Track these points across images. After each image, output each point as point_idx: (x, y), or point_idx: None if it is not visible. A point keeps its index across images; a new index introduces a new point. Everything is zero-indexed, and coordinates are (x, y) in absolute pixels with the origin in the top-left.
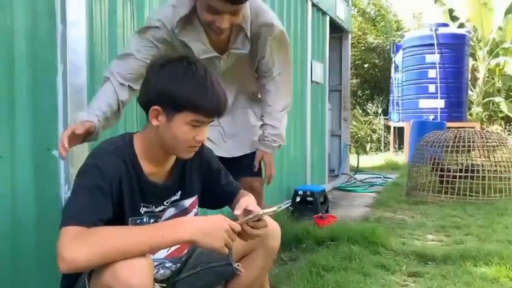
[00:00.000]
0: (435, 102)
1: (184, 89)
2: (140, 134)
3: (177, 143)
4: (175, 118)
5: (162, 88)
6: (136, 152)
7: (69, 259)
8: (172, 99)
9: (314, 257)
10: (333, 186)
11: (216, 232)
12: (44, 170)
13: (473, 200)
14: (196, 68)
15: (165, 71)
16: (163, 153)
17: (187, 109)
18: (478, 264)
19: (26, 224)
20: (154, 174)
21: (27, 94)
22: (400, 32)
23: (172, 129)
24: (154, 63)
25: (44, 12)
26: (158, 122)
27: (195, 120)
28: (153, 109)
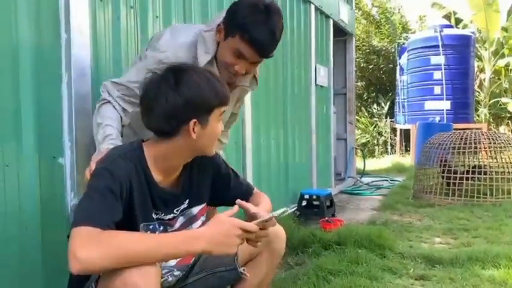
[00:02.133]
0: (441, 103)
1: (209, 91)
2: (152, 146)
3: (211, 142)
4: (209, 120)
5: (195, 101)
6: (147, 159)
7: (83, 259)
8: (206, 106)
9: (320, 261)
10: (340, 189)
11: (229, 240)
12: (50, 177)
13: (481, 201)
14: (200, 70)
15: (185, 87)
16: (182, 162)
17: (216, 106)
18: (486, 266)
19: (32, 231)
20: (162, 181)
21: (32, 102)
22: (406, 34)
23: (209, 130)
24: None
25: (48, 21)
26: (195, 133)
27: (222, 112)
28: (192, 124)
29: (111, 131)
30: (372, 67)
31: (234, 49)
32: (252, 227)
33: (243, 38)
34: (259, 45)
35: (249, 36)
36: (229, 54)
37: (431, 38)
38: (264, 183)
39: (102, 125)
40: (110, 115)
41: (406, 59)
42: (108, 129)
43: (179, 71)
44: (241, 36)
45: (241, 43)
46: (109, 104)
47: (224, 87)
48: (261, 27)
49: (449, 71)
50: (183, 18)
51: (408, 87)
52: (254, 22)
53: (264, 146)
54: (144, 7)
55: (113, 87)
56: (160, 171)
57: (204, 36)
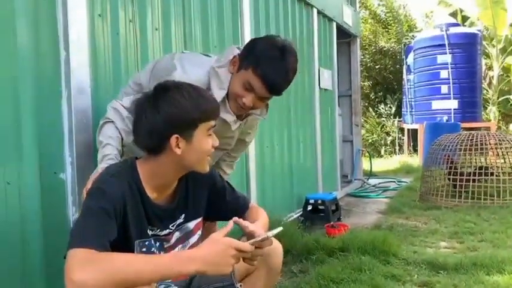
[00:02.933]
0: (448, 103)
1: (191, 107)
2: (145, 163)
3: (200, 158)
4: (194, 136)
5: (173, 118)
6: (140, 176)
7: (78, 282)
8: (187, 122)
9: (323, 269)
10: (346, 192)
11: (224, 260)
12: (52, 193)
13: (488, 203)
14: (182, 86)
15: (164, 104)
16: (174, 178)
17: (201, 121)
18: (491, 272)
19: (34, 247)
20: (157, 198)
21: (32, 119)
22: (412, 34)
23: (195, 146)
24: (143, 107)
25: (47, 39)
26: (180, 149)
27: (210, 127)
28: (172, 139)
29: (110, 150)
30: (379, 67)
31: (245, 81)
32: (246, 247)
33: (256, 72)
34: (270, 81)
35: (262, 71)
36: (239, 85)
37: (438, 37)
38: (269, 189)
39: (102, 144)
40: (111, 134)
41: (412, 58)
42: (107, 148)
43: (161, 88)
44: (254, 70)
45: (253, 76)
46: (111, 123)
47: (211, 102)
48: (275, 64)
49: (456, 70)
50: (183, 30)
51: (415, 86)
52: (268, 58)
53: (267, 151)
54: (143, 19)
55: (123, 109)
56: (154, 187)
57: (217, 71)
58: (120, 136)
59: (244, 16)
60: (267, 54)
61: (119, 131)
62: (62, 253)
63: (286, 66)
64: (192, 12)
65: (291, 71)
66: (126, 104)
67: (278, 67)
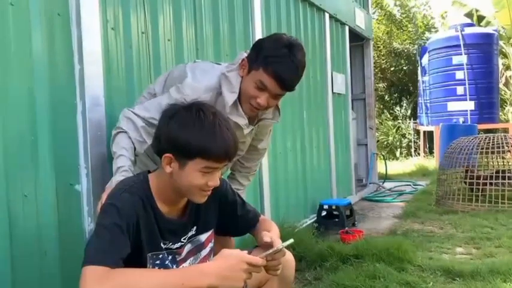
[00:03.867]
0: (464, 104)
1: (194, 137)
2: (155, 175)
3: (190, 189)
4: (188, 165)
5: (174, 137)
6: (152, 190)
7: None
8: (183, 148)
9: (338, 276)
10: (361, 196)
11: (235, 274)
12: (68, 204)
13: (506, 207)
14: (205, 114)
15: (175, 121)
16: (176, 196)
17: (198, 156)
18: (508, 279)
19: (51, 257)
20: (169, 211)
21: (48, 132)
22: (427, 35)
23: (185, 175)
24: (165, 113)
25: (62, 53)
26: (171, 169)
27: (207, 167)
28: (165, 157)
29: (123, 162)
30: (394, 68)
31: (257, 81)
32: (258, 262)
33: (267, 70)
34: (282, 77)
35: (273, 69)
36: (252, 87)
37: (453, 38)
38: (282, 195)
39: (116, 155)
40: (124, 145)
41: (427, 59)
42: (120, 160)
43: (186, 107)
44: (264, 69)
45: (265, 75)
46: (125, 134)
47: (224, 146)
48: (284, 61)
49: (472, 71)
50: (195, 40)
51: (430, 88)
52: (277, 56)
53: (281, 157)
54: (155, 31)
55: (137, 118)
56: (165, 201)
57: (227, 76)
58: (133, 146)
59: (255, 24)
60: (276, 53)
61: (131, 141)
62: (78, 264)
63: (296, 62)
64: (204, 21)
65: (300, 66)
66: (140, 112)
67: (288, 63)
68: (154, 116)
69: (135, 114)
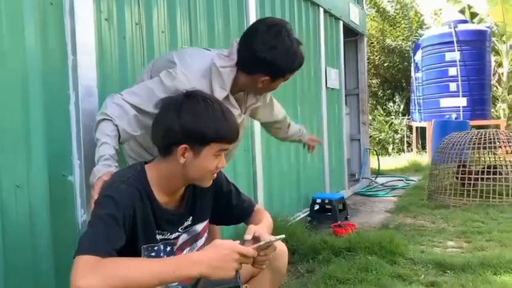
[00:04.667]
0: (457, 100)
1: (209, 125)
2: (154, 166)
3: (203, 174)
4: (203, 152)
5: (190, 128)
6: (150, 181)
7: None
8: (200, 136)
9: (330, 269)
10: (354, 191)
11: (226, 264)
12: (60, 195)
13: (497, 202)
14: (211, 101)
15: (186, 112)
16: (181, 184)
17: (214, 141)
18: (498, 272)
19: (44, 248)
20: (167, 202)
21: (41, 123)
22: (421, 31)
23: (200, 162)
24: (168, 106)
25: (55, 43)
26: (185, 159)
27: (221, 149)
28: (181, 148)
29: (106, 150)
30: (387, 65)
31: (276, 87)
32: (249, 252)
33: (285, 77)
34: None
35: (290, 73)
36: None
37: (446, 34)
38: (276, 189)
39: (99, 142)
40: (108, 132)
41: (420, 56)
42: (103, 148)
43: (189, 96)
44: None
45: (283, 80)
46: (110, 121)
47: (232, 126)
48: (295, 62)
49: (465, 67)
50: (189, 32)
51: (423, 84)
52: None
53: (274, 151)
54: (149, 22)
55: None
56: (163, 192)
57: (220, 71)
58: (118, 134)
59: (250, 17)
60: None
61: (117, 128)
62: (70, 255)
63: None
64: (198, 14)
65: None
66: (131, 99)
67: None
68: (145, 102)
69: (125, 101)
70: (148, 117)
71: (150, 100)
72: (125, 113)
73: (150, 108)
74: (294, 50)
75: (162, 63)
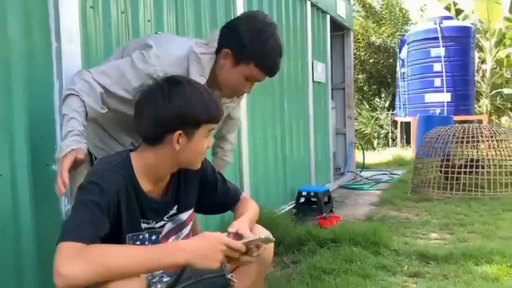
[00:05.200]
0: (441, 96)
1: (200, 108)
2: (139, 155)
3: (196, 157)
4: (195, 135)
5: (183, 114)
6: (135, 169)
7: (66, 275)
8: (193, 120)
9: (315, 259)
10: (339, 184)
11: (213, 254)
12: (44, 184)
13: (479, 195)
14: (195, 84)
15: (176, 97)
16: (168, 172)
17: (205, 122)
18: (480, 263)
19: (27, 237)
20: (152, 191)
21: (24, 111)
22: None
23: (193, 145)
24: (153, 97)
25: (39, 30)
26: (179, 145)
27: (210, 129)
28: (176, 134)
29: (75, 125)
30: (373, 60)
31: (247, 75)
32: (236, 245)
33: (260, 66)
34: (272, 70)
35: (266, 64)
36: (241, 78)
37: (431, 30)
38: (262, 181)
39: (67, 117)
40: (76, 108)
41: (406, 51)
42: (71, 123)
43: (174, 82)
44: (256, 65)
45: (257, 70)
46: (77, 97)
47: (217, 106)
48: (274, 53)
49: (450, 63)
50: (175, 22)
51: (408, 79)
52: (267, 51)
53: (260, 143)
54: (135, 11)
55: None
56: (149, 180)
57: (200, 58)
58: (86, 110)
59: (237, 8)
60: (265, 48)
61: (84, 104)
62: (53, 244)
63: (280, 50)
64: (185, 3)
65: (282, 50)
66: (100, 78)
67: (276, 56)
68: (114, 84)
69: (93, 79)
70: (114, 99)
71: (119, 82)
72: (92, 90)
73: (118, 90)
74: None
75: (135, 45)
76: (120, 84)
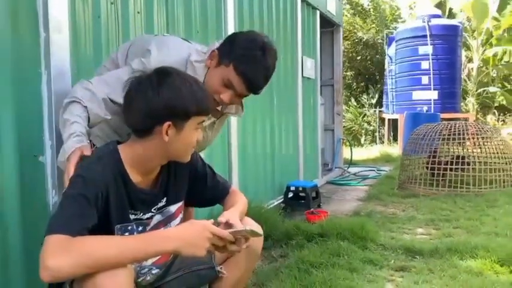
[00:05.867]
0: (428, 93)
1: (189, 99)
2: (128, 147)
3: (185, 149)
4: (185, 127)
5: (172, 105)
6: (123, 161)
7: (52, 268)
8: (183, 112)
9: (303, 253)
10: (327, 180)
11: (199, 241)
12: (31, 176)
13: (464, 192)
14: (184, 75)
15: (165, 88)
16: (157, 164)
17: (195, 114)
18: (464, 257)
19: (14, 230)
20: (140, 182)
21: (12, 102)
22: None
23: (184, 137)
24: (143, 88)
25: (27, 19)
26: (168, 136)
27: (201, 121)
28: (165, 126)
29: (76, 128)
30: (361, 57)
31: (224, 78)
32: (222, 233)
33: (237, 70)
34: (250, 80)
35: (243, 69)
36: (218, 81)
37: (419, 28)
38: (251, 176)
39: (69, 122)
40: (78, 113)
41: (394, 49)
42: (74, 126)
43: (164, 73)
44: (235, 68)
45: (234, 74)
46: (79, 103)
47: (207, 98)
48: (256, 64)
49: (437, 61)
50: (165, 14)
51: (396, 77)
52: (250, 57)
53: (250, 138)
54: (125, 2)
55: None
56: (138, 171)
57: (195, 66)
58: (88, 116)
59: (227, 2)
60: (249, 54)
61: (87, 110)
62: (41, 237)
63: (267, 67)
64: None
65: (270, 71)
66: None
67: (259, 67)
68: (115, 92)
69: (94, 88)
70: (115, 106)
71: (119, 89)
72: (94, 97)
73: (119, 98)
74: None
75: (139, 48)
76: (120, 92)
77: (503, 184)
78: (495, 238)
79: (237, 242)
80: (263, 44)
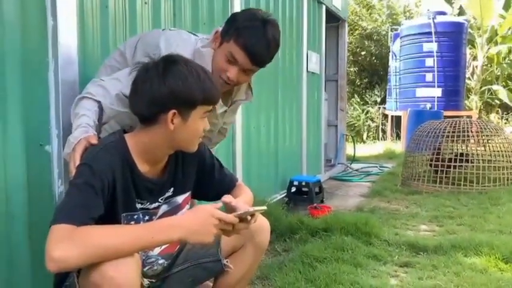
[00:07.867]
0: (432, 91)
1: (196, 87)
2: (134, 136)
3: (191, 139)
4: (191, 115)
5: (178, 92)
6: (130, 149)
7: (58, 259)
8: (189, 100)
9: (307, 248)
10: (329, 176)
11: (205, 228)
12: (37, 165)
13: (468, 189)
14: (192, 64)
15: (171, 76)
16: (164, 153)
17: (201, 103)
18: (469, 254)
19: (19, 220)
20: (148, 171)
21: (19, 90)
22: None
23: (189, 126)
24: (149, 74)
25: (35, 7)
26: (173, 125)
27: (207, 111)
28: (170, 114)
29: (84, 120)
30: (365, 53)
31: (227, 53)
32: (229, 218)
33: (237, 42)
34: (252, 50)
35: (244, 40)
36: (222, 59)
37: (425, 25)
38: (254, 170)
39: (78, 115)
40: (89, 107)
41: (398, 45)
42: (82, 119)
43: (171, 61)
44: (235, 41)
45: (235, 47)
46: (90, 99)
47: (215, 88)
48: (256, 34)
49: (442, 59)
50: (172, 5)
51: (400, 73)
52: (250, 28)
53: (254, 132)
54: None
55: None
56: (145, 160)
57: (201, 52)
58: (99, 111)
59: None
60: (248, 25)
61: (98, 105)
62: (46, 226)
63: (268, 36)
64: None
65: (272, 41)
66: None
67: (259, 37)
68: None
69: (107, 84)
70: None
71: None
72: (107, 92)
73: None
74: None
75: (148, 44)
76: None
77: (507, 182)
78: (499, 235)
79: (244, 221)
80: (263, 17)
